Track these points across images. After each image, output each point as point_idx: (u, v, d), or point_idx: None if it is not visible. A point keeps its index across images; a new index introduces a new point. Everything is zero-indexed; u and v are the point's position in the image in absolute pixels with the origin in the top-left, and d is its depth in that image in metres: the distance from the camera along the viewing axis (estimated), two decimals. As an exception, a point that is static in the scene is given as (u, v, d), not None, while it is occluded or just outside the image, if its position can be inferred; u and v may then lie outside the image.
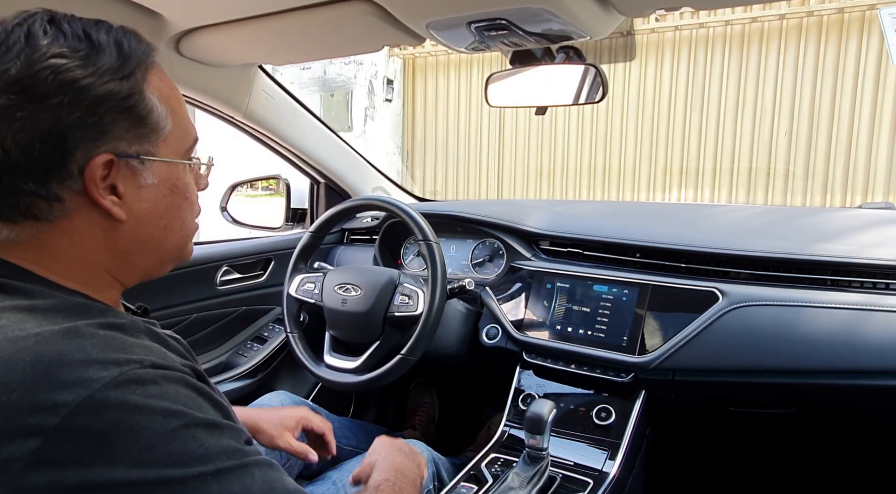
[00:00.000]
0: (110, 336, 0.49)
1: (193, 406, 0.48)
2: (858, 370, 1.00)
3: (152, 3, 0.95)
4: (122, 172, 0.54)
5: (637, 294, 1.19)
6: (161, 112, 0.56)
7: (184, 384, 0.50)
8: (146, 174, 0.56)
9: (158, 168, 0.57)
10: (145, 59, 0.56)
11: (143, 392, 0.46)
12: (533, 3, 0.79)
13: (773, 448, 1.34)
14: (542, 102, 1.16)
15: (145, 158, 0.56)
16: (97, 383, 0.44)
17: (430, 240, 1.20)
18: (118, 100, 0.52)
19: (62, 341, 0.46)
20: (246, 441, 0.53)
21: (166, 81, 0.59)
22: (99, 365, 0.45)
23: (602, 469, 1.08)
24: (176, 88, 0.60)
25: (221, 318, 1.48)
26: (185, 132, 0.60)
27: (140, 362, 0.47)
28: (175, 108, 0.59)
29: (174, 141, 0.59)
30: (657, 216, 1.48)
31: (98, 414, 0.43)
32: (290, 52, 1.19)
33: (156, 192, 0.57)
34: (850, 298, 1.05)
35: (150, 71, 0.56)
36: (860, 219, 1.27)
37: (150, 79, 0.56)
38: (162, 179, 0.58)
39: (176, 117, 0.58)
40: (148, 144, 0.56)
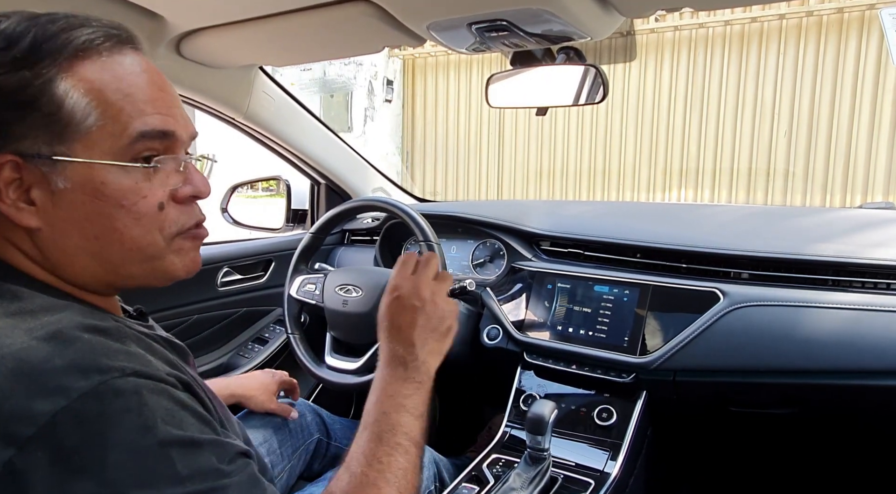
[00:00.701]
0: (94, 341, 0.47)
1: (171, 422, 0.46)
2: (859, 371, 1.00)
3: (153, 4, 0.96)
4: (33, 175, 0.50)
5: (638, 295, 1.19)
6: (79, 106, 0.49)
7: (165, 395, 0.47)
8: (57, 178, 0.50)
9: (74, 170, 0.50)
10: (65, 47, 0.49)
11: (121, 404, 0.44)
12: (533, 4, 0.79)
13: (774, 448, 1.34)
14: (542, 102, 1.16)
15: (56, 160, 0.49)
16: (76, 392, 0.43)
17: (431, 241, 1.20)
18: (9, 93, 0.47)
19: (45, 347, 0.45)
20: (238, 453, 0.50)
21: (112, 70, 0.51)
22: (80, 373, 0.44)
23: (603, 469, 1.08)
24: (134, 80, 0.52)
25: (222, 319, 1.48)
26: (122, 129, 0.51)
27: (122, 370, 0.45)
28: (112, 102, 0.51)
29: (102, 139, 0.51)
30: (657, 217, 1.49)
31: (73, 426, 0.42)
32: (291, 53, 1.19)
33: (71, 197, 0.50)
34: (851, 298, 1.05)
35: (77, 59, 0.50)
36: (861, 219, 1.27)
37: (72, 69, 0.49)
38: (78, 183, 0.50)
39: (110, 110, 0.50)
40: (59, 144, 0.49)
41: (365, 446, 0.64)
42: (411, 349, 0.73)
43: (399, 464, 0.62)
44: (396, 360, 0.73)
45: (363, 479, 0.60)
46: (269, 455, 1.09)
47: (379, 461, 0.62)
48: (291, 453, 1.14)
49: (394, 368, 0.73)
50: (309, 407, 1.24)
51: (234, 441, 0.52)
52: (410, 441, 0.65)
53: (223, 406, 0.64)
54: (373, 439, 0.64)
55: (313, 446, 1.20)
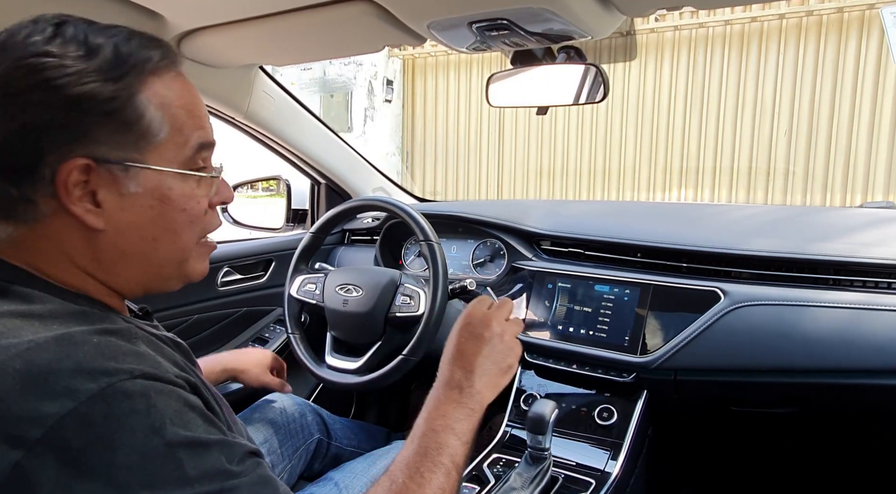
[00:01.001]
0: (104, 343, 0.48)
1: (179, 423, 0.46)
2: (861, 370, 1.00)
3: (153, 4, 0.95)
4: (102, 179, 0.52)
5: (638, 294, 1.19)
6: (155, 119, 0.53)
7: (174, 397, 0.48)
8: (129, 182, 0.53)
9: (146, 177, 0.54)
10: (146, 64, 0.53)
11: (129, 406, 0.44)
12: (534, 3, 0.79)
13: (776, 447, 1.34)
14: (543, 102, 1.16)
15: (129, 165, 0.53)
16: (84, 394, 0.43)
17: (432, 240, 1.20)
18: (98, 102, 0.50)
19: (54, 348, 0.45)
20: (247, 453, 0.51)
21: (176, 89, 0.56)
22: (88, 375, 0.44)
23: (604, 469, 1.08)
24: (189, 97, 0.57)
25: (222, 319, 1.48)
26: (185, 141, 0.56)
27: (130, 372, 0.46)
28: (177, 116, 0.55)
29: (169, 150, 0.55)
30: (658, 216, 1.48)
31: (81, 428, 0.42)
32: (291, 52, 1.19)
33: (141, 201, 0.54)
34: (851, 297, 1.05)
35: (153, 76, 0.54)
36: (861, 218, 1.27)
37: (149, 84, 0.53)
38: (149, 188, 0.54)
39: (176, 125, 0.55)
40: (134, 152, 0.53)
41: (410, 457, 0.65)
42: (470, 376, 0.75)
43: (439, 482, 0.63)
44: (454, 383, 0.74)
45: (403, 489, 0.61)
46: (269, 455, 1.09)
47: (421, 475, 0.62)
48: (292, 453, 1.14)
49: (450, 390, 0.74)
50: (309, 407, 1.24)
51: (243, 442, 0.52)
52: (453, 464, 0.65)
53: (229, 409, 0.64)
54: (419, 453, 0.65)
55: (314, 446, 1.20)
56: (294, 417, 1.18)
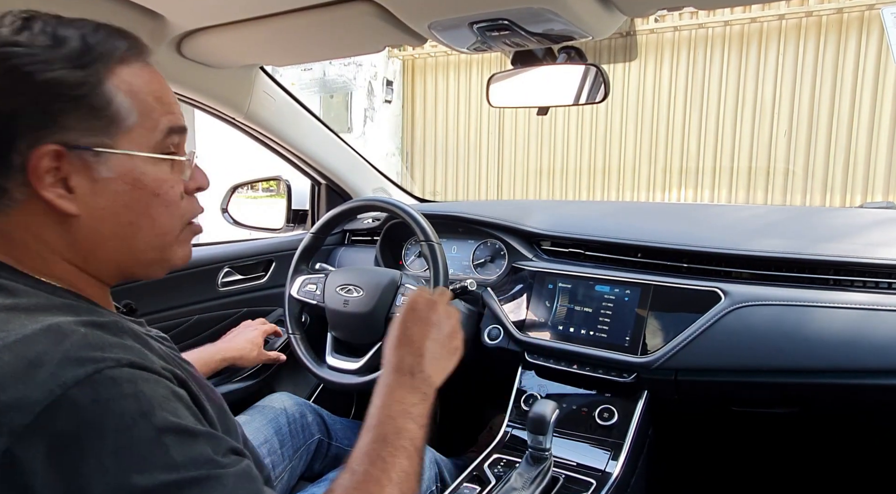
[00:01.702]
0: (91, 334, 0.48)
1: (168, 409, 0.47)
2: (861, 370, 1.00)
3: (154, 4, 0.95)
4: (73, 165, 0.53)
5: (639, 294, 1.19)
6: (123, 104, 0.54)
7: (161, 385, 0.48)
8: (101, 168, 0.54)
9: (117, 162, 0.55)
10: (113, 52, 0.55)
11: (117, 391, 0.45)
12: (535, 4, 0.79)
13: (777, 447, 1.34)
14: (543, 102, 1.16)
15: (100, 151, 0.53)
16: (71, 380, 0.43)
17: (432, 241, 1.20)
18: (67, 88, 0.51)
19: (42, 339, 0.46)
20: (231, 449, 0.51)
21: (144, 77, 0.57)
22: (75, 363, 0.45)
23: (605, 469, 1.08)
24: (156, 84, 0.58)
25: (223, 319, 1.48)
26: (154, 125, 0.57)
27: (117, 360, 0.46)
28: (146, 102, 0.56)
29: (139, 134, 0.56)
30: (658, 216, 1.48)
31: (69, 414, 0.43)
32: (292, 53, 1.19)
33: (113, 186, 0.55)
34: (852, 297, 1.05)
35: (121, 64, 0.55)
36: (862, 219, 1.27)
37: (117, 72, 0.54)
38: (120, 173, 0.55)
39: (145, 110, 0.56)
40: (104, 137, 0.54)
41: (368, 446, 0.63)
42: (420, 360, 0.74)
43: (402, 466, 0.62)
44: (404, 368, 0.73)
45: (366, 476, 0.60)
46: (269, 456, 1.09)
47: (383, 460, 0.62)
48: (292, 453, 1.14)
49: (401, 375, 0.73)
50: (310, 408, 1.24)
51: (228, 439, 0.52)
52: (414, 447, 0.65)
53: (222, 408, 0.64)
54: (377, 439, 0.64)
55: (314, 446, 1.20)
56: (294, 417, 1.18)
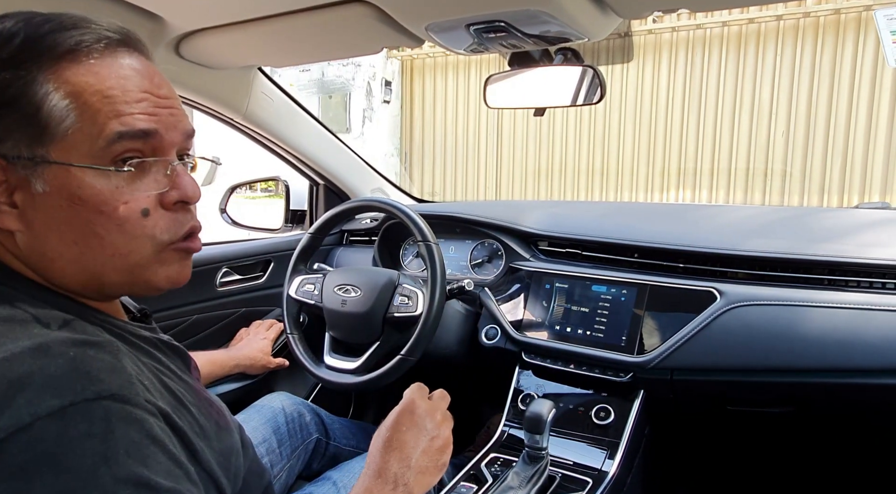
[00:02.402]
0: (79, 358, 0.45)
1: (136, 456, 0.43)
2: (855, 369, 1.00)
3: (152, 5, 0.96)
4: (17, 178, 0.49)
5: (635, 294, 1.20)
6: (58, 108, 0.48)
7: (136, 427, 0.44)
8: (36, 181, 0.49)
9: (51, 174, 0.49)
10: (56, 48, 0.49)
11: (86, 430, 0.42)
12: (531, 6, 0.79)
13: (772, 447, 1.35)
14: (540, 103, 1.16)
15: (36, 162, 0.49)
16: (44, 411, 0.41)
17: (430, 241, 1.21)
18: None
19: (28, 361, 0.43)
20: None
21: (100, 74, 0.50)
22: (53, 391, 0.42)
23: (601, 468, 1.08)
24: (117, 81, 0.51)
25: (221, 319, 1.49)
26: (99, 131, 0.49)
27: (98, 392, 0.43)
28: (91, 103, 0.49)
29: (81, 142, 0.49)
30: (655, 216, 1.49)
31: (30, 445, 0.40)
32: (290, 54, 1.20)
33: (50, 202, 0.49)
34: (846, 297, 1.06)
35: (67, 62, 0.49)
36: (857, 219, 1.28)
37: (58, 70, 0.49)
38: (55, 187, 0.49)
39: (88, 112, 0.49)
40: (38, 146, 0.49)
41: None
42: (406, 471, 0.70)
43: None
44: (389, 476, 0.69)
45: None
46: (268, 455, 1.09)
47: None
48: (290, 452, 1.15)
49: (384, 483, 0.68)
50: (308, 407, 1.24)
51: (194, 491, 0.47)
52: None
53: (221, 411, 0.62)
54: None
55: (312, 445, 1.20)
56: (293, 417, 1.18)
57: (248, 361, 1.33)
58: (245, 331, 1.47)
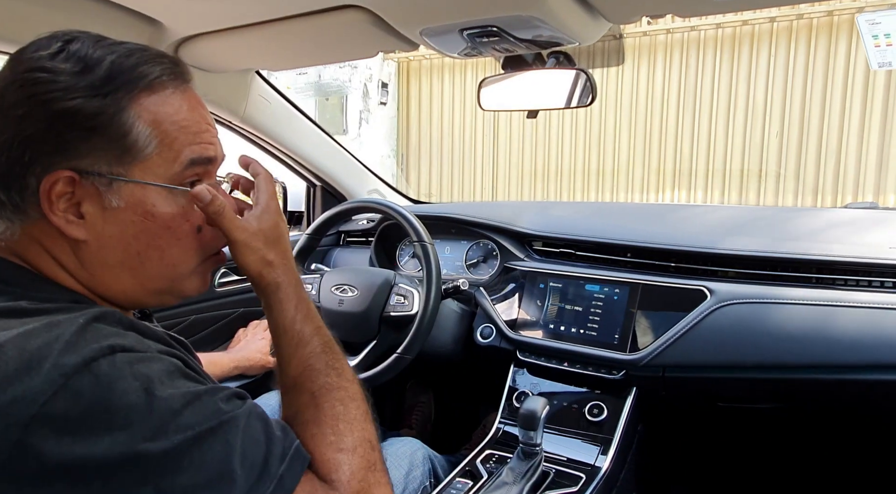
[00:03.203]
0: (89, 326, 0.49)
1: (167, 382, 0.49)
2: (841, 365, 1.03)
3: (152, 11, 0.98)
4: (86, 192, 0.53)
5: (628, 293, 1.22)
6: (143, 134, 0.54)
7: (156, 362, 0.50)
8: (112, 196, 0.54)
9: (129, 191, 0.54)
10: (139, 80, 0.54)
11: (116, 374, 0.46)
12: (523, 11, 0.81)
13: (762, 441, 1.37)
14: (533, 105, 1.18)
15: (112, 179, 0.53)
16: (70, 369, 0.45)
17: (425, 241, 1.22)
18: (83, 117, 0.52)
19: (43, 333, 0.47)
20: (233, 395, 0.54)
21: (173, 105, 0.56)
22: (72, 352, 0.46)
23: (594, 463, 1.10)
24: (188, 113, 0.57)
25: (219, 319, 1.50)
26: (175, 157, 0.56)
27: (111, 347, 0.48)
28: (170, 131, 0.56)
29: (157, 165, 0.55)
30: (647, 217, 1.51)
31: (74, 400, 0.44)
32: (287, 57, 1.21)
33: (123, 216, 0.55)
34: (833, 295, 1.08)
35: (148, 92, 0.55)
36: (844, 219, 1.30)
37: (140, 100, 0.54)
38: (131, 203, 0.54)
39: (167, 140, 0.55)
40: (118, 166, 0.54)
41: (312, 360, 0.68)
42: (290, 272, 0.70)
43: (346, 366, 0.68)
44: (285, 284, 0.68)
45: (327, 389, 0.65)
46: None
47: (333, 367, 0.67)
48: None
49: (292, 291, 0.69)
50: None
51: (230, 386, 0.55)
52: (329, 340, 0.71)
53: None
54: (325, 350, 0.68)
55: (310, 442, 1.22)
56: (290, 415, 1.20)
57: (247, 362, 1.34)
58: (243, 331, 1.48)
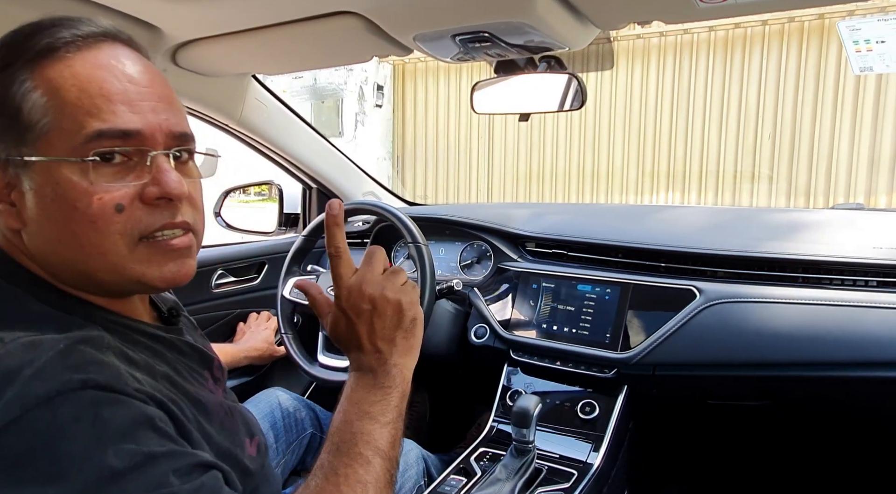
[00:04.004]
0: (69, 351, 0.46)
1: (126, 434, 0.44)
2: (825, 363, 1.05)
3: (150, 17, 0.99)
4: (10, 178, 0.51)
5: (619, 293, 1.24)
6: (38, 105, 0.49)
7: (124, 408, 0.45)
8: (25, 179, 0.50)
9: (35, 171, 0.50)
10: (35, 47, 0.49)
11: (74, 415, 0.43)
12: (513, 18, 0.83)
13: (752, 438, 1.39)
14: (525, 109, 1.20)
15: (26, 160, 0.49)
16: (32, 402, 0.42)
17: (419, 242, 1.24)
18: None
19: (20, 355, 0.44)
20: (196, 465, 0.48)
21: (79, 68, 0.50)
22: (41, 382, 0.43)
23: (586, 460, 1.12)
24: (102, 72, 0.50)
25: (216, 321, 1.51)
26: (79, 126, 0.49)
27: (84, 381, 0.44)
28: (72, 97, 0.49)
29: (59, 138, 0.49)
30: (639, 217, 1.53)
31: (24, 434, 0.41)
32: (283, 62, 1.23)
33: (37, 199, 0.50)
34: (819, 294, 1.10)
35: (47, 60, 0.49)
36: (831, 219, 1.33)
37: (39, 69, 0.49)
38: (39, 184, 0.50)
39: (67, 108, 0.49)
40: (23, 145, 0.49)
41: (324, 458, 0.58)
42: (378, 356, 0.66)
43: (357, 476, 0.56)
44: (365, 368, 0.66)
45: (316, 491, 0.55)
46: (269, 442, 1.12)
47: (335, 473, 0.56)
48: (286, 448, 1.18)
49: (362, 375, 0.66)
50: (304, 403, 1.27)
51: (199, 454, 0.49)
52: (374, 452, 0.59)
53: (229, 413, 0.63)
54: (331, 450, 0.59)
55: (307, 441, 1.23)
56: (289, 412, 1.21)
57: (256, 352, 1.39)
58: (243, 325, 1.51)
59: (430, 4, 0.84)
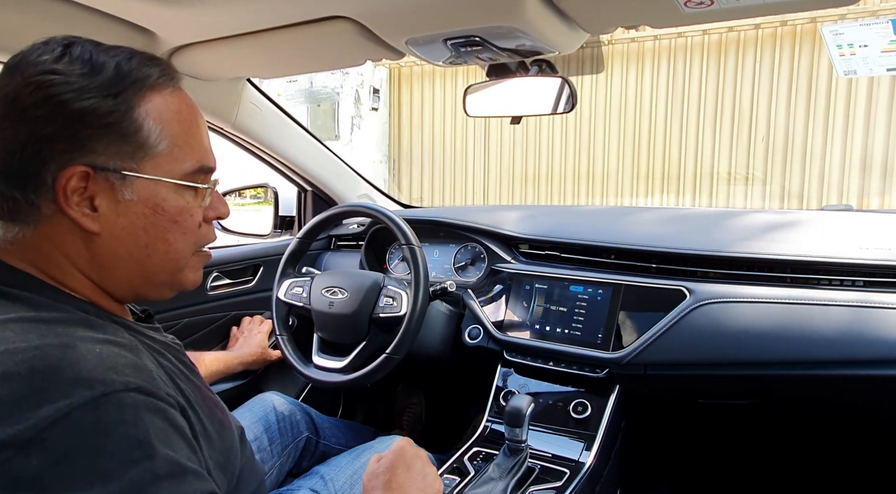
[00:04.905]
0: (105, 353, 0.49)
1: (164, 442, 0.48)
2: (813, 361, 1.06)
3: (145, 21, 1.00)
4: (100, 186, 0.56)
5: (611, 294, 1.25)
6: (153, 131, 0.57)
7: (161, 415, 0.49)
8: (125, 190, 0.56)
9: (141, 186, 0.57)
10: (145, 81, 0.57)
11: (119, 417, 0.46)
12: (503, 22, 0.85)
13: (742, 436, 1.40)
14: (517, 112, 1.22)
15: (126, 174, 0.56)
16: (78, 401, 0.45)
17: (413, 244, 1.25)
18: (98, 116, 0.54)
19: (57, 354, 0.47)
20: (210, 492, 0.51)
21: (174, 104, 0.60)
22: (85, 383, 0.46)
23: (578, 459, 1.13)
24: (188, 112, 0.61)
25: (212, 322, 1.52)
26: (186, 156, 0.60)
27: (125, 384, 0.48)
28: (177, 131, 0.59)
29: (167, 162, 0.58)
30: (630, 219, 1.55)
31: (69, 433, 0.44)
32: (277, 66, 1.24)
33: (135, 209, 0.57)
34: (807, 294, 1.12)
35: (151, 92, 0.58)
36: (819, 220, 1.35)
37: (148, 99, 0.57)
38: (143, 197, 0.58)
39: (176, 140, 0.59)
40: (131, 161, 0.56)
41: None
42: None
43: None
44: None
45: None
46: (259, 452, 1.13)
47: None
48: (281, 450, 1.18)
49: None
50: (299, 406, 1.28)
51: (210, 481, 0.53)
52: None
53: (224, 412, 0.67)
54: None
55: (302, 443, 1.24)
56: (283, 415, 1.22)
57: (251, 357, 1.41)
58: (237, 329, 1.51)
59: (422, 9, 0.85)
